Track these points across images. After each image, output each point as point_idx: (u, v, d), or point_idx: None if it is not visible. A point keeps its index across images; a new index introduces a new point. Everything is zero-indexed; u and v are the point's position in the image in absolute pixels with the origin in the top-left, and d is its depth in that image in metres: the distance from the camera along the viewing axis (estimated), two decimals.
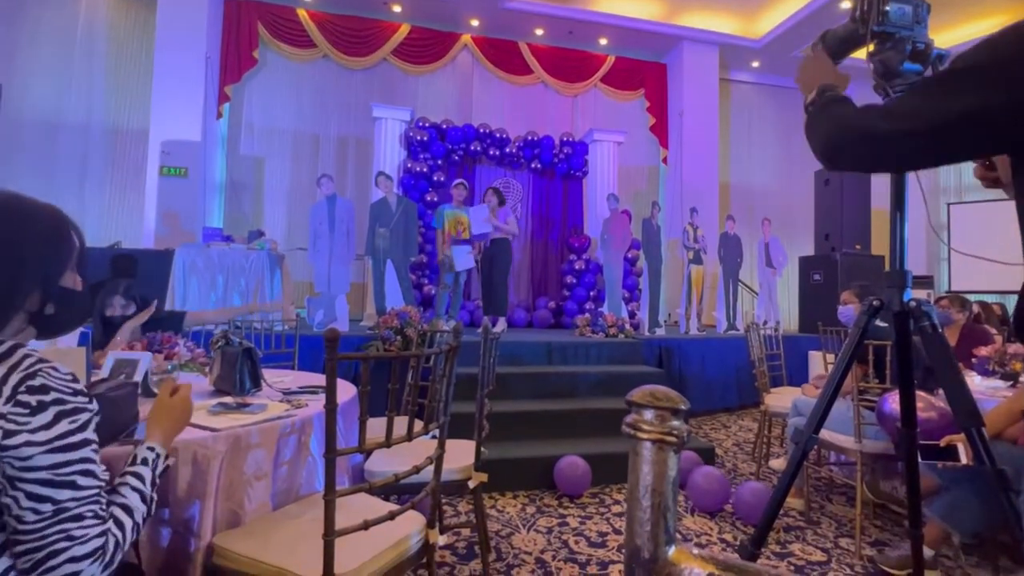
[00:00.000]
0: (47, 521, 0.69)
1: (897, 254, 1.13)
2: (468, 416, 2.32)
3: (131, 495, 0.85)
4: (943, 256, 7.97)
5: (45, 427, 0.68)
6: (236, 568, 1.11)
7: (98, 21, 6.24)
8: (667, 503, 0.41)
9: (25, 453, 0.67)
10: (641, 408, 0.43)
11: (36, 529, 0.68)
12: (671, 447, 0.42)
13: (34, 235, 0.78)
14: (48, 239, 0.80)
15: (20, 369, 0.70)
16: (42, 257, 0.79)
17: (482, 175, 6.55)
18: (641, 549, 0.40)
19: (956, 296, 3.22)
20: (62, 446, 0.70)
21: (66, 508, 0.70)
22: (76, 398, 0.73)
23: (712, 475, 2.68)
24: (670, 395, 0.43)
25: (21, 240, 0.77)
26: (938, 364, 1.04)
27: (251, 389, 1.64)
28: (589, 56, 7.63)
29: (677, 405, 0.42)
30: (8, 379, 0.68)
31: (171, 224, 5.46)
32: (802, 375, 4.84)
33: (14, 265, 0.76)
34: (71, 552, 0.70)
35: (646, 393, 0.43)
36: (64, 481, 0.70)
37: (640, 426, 0.42)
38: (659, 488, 0.41)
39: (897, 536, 2.42)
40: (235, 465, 1.23)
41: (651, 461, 0.42)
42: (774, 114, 8.51)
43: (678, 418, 0.43)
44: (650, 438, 0.42)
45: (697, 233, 5.77)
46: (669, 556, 0.39)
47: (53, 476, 0.69)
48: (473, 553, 2.17)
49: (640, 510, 0.41)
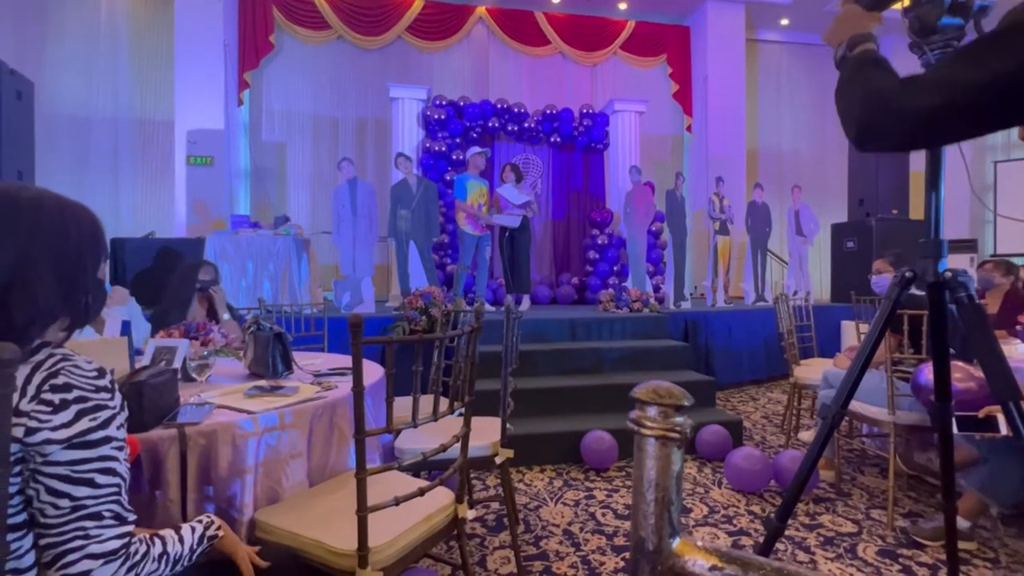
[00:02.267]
0: (66, 517, 0.70)
1: (932, 223, 1.08)
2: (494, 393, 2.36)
3: (170, 535, 0.87)
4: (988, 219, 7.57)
5: (66, 425, 0.69)
6: (277, 541, 1.18)
7: (119, 14, 6.33)
8: (670, 497, 0.42)
9: (46, 450, 0.69)
10: (645, 404, 0.43)
11: (56, 524, 0.70)
12: (674, 443, 0.42)
13: (83, 233, 0.82)
14: (92, 235, 0.83)
15: (44, 368, 0.71)
16: (92, 252, 0.83)
17: (501, 151, 6.49)
18: (646, 541, 0.41)
19: (1001, 260, 3.07)
20: (81, 443, 0.70)
21: (84, 505, 0.71)
22: (98, 395, 0.73)
23: (753, 455, 2.56)
24: (673, 392, 0.43)
25: (79, 239, 0.80)
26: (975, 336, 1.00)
27: (283, 372, 1.70)
28: (608, 23, 7.38)
29: (680, 402, 0.42)
30: (32, 378, 0.70)
31: (201, 212, 5.61)
32: (834, 346, 4.73)
33: (76, 264, 0.79)
34: (88, 550, 0.71)
35: (649, 390, 0.43)
36: (82, 478, 0.71)
37: (644, 422, 0.43)
38: (662, 482, 0.42)
39: (931, 508, 2.38)
40: (271, 445, 1.29)
41: (654, 456, 0.42)
42: (805, 75, 8.11)
43: (681, 414, 0.43)
44: (653, 434, 0.42)
45: (723, 203, 5.62)
46: (673, 547, 0.40)
47: (71, 472, 0.70)
48: (502, 525, 2.23)
49: (644, 503, 0.42)
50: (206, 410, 1.26)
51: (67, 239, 0.78)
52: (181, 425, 1.16)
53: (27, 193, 0.77)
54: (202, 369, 1.46)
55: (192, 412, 1.24)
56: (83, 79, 6.18)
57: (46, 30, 6.05)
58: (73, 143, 6.15)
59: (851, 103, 0.78)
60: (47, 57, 6.04)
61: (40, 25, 6.03)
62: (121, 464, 0.75)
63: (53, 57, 6.07)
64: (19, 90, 3.74)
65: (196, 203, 5.63)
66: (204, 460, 1.19)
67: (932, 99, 0.64)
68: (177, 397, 1.28)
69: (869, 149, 0.77)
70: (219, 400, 1.36)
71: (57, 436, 0.69)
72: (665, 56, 7.59)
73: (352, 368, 1.06)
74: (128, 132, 6.34)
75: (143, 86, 6.39)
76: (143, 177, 6.40)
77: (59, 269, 0.77)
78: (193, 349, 1.56)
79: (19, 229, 0.73)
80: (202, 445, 1.18)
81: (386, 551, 1.15)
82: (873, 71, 0.78)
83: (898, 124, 0.69)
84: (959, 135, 0.67)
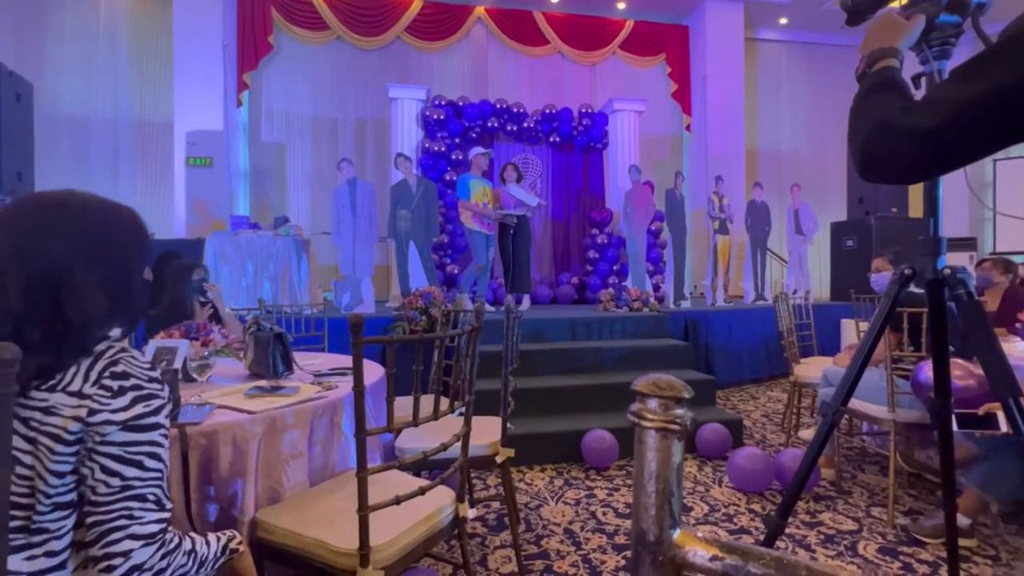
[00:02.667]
0: (115, 495, 0.75)
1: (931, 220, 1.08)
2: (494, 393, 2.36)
3: (199, 538, 0.90)
4: (987, 216, 7.58)
5: (123, 408, 0.76)
6: (279, 541, 1.18)
7: (118, 15, 6.34)
8: (671, 488, 0.42)
9: (104, 430, 0.75)
10: (645, 397, 0.43)
11: (105, 502, 0.75)
12: (675, 435, 0.43)
13: (129, 235, 0.85)
14: (137, 236, 0.87)
15: (105, 357, 0.78)
16: (139, 255, 0.87)
17: (500, 151, 6.48)
18: (647, 532, 0.41)
19: (999, 258, 3.07)
20: (135, 426, 0.76)
21: (132, 486, 0.76)
22: (151, 385, 0.80)
23: (755, 455, 2.55)
24: (674, 384, 0.43)
25: (124, 242, 0.84)
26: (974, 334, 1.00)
27: (284, 372, 1.70)
28: (607, 22, 7.38)
29: (680, 394, 0.43)
30: (95, 365, 0.77)
31: (200, 213, 5.61)
32: (833, 344, 4.74)
33: (122, 266, 0.83)
34: (131, 530, 0.76)
35: (650, 383, 0.44)
36: (132, 460, 0.76)
37: (644, 415, 0.43)
38: (663, 474, 0.42)
39: (931, 505, 2.39)
40: (272, 445, 1.29)
41: (655, 448, 0.43)
42: (804, 74, 8.11)
43: (681, 407, 0.43)
44: (654, 426, 0.43)
45: (723, 202, 5.62)
46: (674, 539, 0.40)
47: (124, 453, 0.76)
48: (503, 524, 2.23)
49: (645, 495, 0.42)
50: (207, 410, 1.27)
51: (113, 243, 0.82)
52: (182, 425, 1.16)
53: (75, 200, 0.81)
54: (203, 369, 1.46)
55: (193, 412, 1.24)
56: (82, 80, 6.18)
57: (45, 32, 6.05)
58: (73, 144, 6.16)
59: (856, 129, 0.72)
60: (47, 59, 6.04)
61: (39, 27, 6.03)
62: (165, 451, 0.81)
63: (52, 59, 6.07)
64: (18, 92, 3.74)
65: (196, 204, 5.64)
66: (205, 460, 1.19)
67: (936, 119, 0.60)
68: (178, 397, 1.28)
69: (874, 179, 0.71)
70: (220, 400, 1.36)
71: (116, 418, 0.75)
72: (664, 55, 7.59)
73: (353, 368, 1.06)
74: (127, 133, 6.35)
75: (142, 87, 6.39)
76: (143, 178, 6.40)
77: (106, 272, 0.81)
78: (194, 350, 1.56)
79: (67, 233, 0.78)
80: (203, 445, 1.18)
81: (387, 550, 1.15)
82: (882, 96, 0.73)
83: (903, 150, 0.64)
84: (968, 155, 0.62)
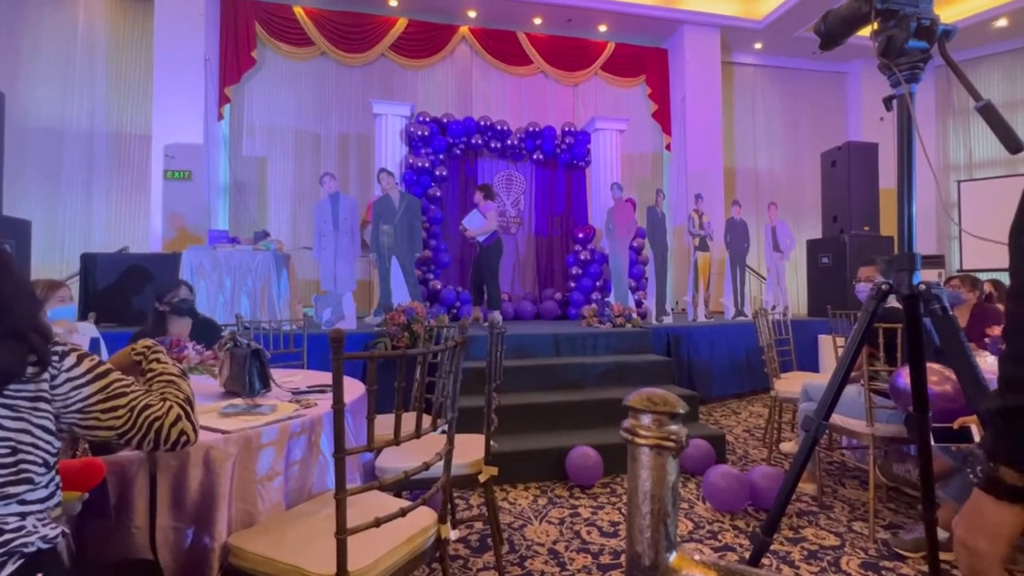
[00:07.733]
0: (132, 412, 0.91)
1: (905, 236, 1.11)
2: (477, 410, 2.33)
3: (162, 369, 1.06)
4: (954, 235, 7.85)
5: (76, 365, 0.89)
6: (252, 567, 1.13)
7: (97, 25, 6.25)
8: (667, 509, 0.41)
9: (68, 390, 0.87)
10: (638, 412, 0.42)
11: (130, 421, 0.91)
12: (669, 452, 0.41)
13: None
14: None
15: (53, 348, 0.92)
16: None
17: (484, 168, 6.53)
18: (642, 556, 0.39)
19: (967, 276, 3.17)
20: (97, 374, 0.90)
21: (134, 406, 0.92)
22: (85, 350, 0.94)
23: (730, 473, 2.51)
24: (668, 399, 0.42)
25: None
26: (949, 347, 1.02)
27: (261, 390, 1.65)
28: (589, 44, 7.55)
29: (675, 409, 0.41)
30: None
31: (177, 227, 5.50)
32: (812, 359, 4.81)
33: None
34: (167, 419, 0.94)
35: (643, 397, 0.42)
36: (116, 394, 0.91)
37: (637, 431, 0.41)
38: (658, 494, 0.41)
39: (911, 519, 2.41)
40: (247, 466, 1.24)
41: (649, 467, 0.41)
42: (778, 96, 8.39)
43: (676, 422, 0.42)
44: (648, 443, 0.41)
45: (703, 219, 5.72)
46: (670, 563, 0.39)
47: (105, 395, 0.90)
48: (486, 546, 2.18)
49: (640, 516, 0.41)
50: None
51: None
52: None
53: None
54: None
55: None
56: (58, 91, 6.06)
57: (20, 41, 5.93)
58: (46, 155, 6.00)
59: None
60: (21, 68, 5.91)
61: (13, 36, 5.91)
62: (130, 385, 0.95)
63: (27, 68, 5.95)
64: None
65: (173, 217, 5.52)
66: (175, 483, 1.14)
67: None
68: None
69: None
70: None
71: (74, 374, 0.88)
72: (644, 77, 7.78)
73: (332, 385, 1.04)
74: (103, 145, 6.22)
75: (120, 99, 6.29)
76: (118, 191, 6.26)
77: None
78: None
79: None
80: (173, 467, 1.13)
81: (367, 575, 1.11)
82: None
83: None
84: None
